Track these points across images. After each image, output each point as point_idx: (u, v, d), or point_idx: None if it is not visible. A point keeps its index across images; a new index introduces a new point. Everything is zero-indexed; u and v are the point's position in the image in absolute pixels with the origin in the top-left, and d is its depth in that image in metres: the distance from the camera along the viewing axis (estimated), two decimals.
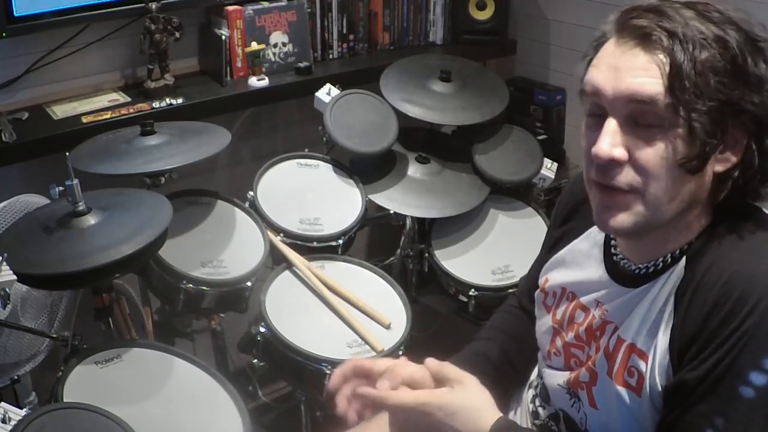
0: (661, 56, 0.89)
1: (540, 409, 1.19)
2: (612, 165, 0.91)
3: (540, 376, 1.20)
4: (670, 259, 0.98)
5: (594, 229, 1.13)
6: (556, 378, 1.13)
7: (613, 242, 1.08)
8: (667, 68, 0.88)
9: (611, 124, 0.92)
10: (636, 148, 0.91)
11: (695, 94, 0.88)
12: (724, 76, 0.89)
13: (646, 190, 0.92)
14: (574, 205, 1.21)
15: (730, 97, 0.89)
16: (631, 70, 0.90)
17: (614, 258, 1.07)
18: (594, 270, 1.09)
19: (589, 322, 1.07)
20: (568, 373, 1.11)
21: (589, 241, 1.13)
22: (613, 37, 0.95)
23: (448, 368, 1.08)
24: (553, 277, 1.18)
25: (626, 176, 0.92)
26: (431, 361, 1.09)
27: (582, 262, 1.13)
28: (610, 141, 0.91)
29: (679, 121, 0.89)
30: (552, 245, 1.23)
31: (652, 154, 0.90)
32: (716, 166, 0.93)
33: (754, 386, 0.86)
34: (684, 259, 0.96)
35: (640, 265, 1.01)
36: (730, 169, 0.93)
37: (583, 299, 1.10)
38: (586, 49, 1.01)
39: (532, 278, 1.29)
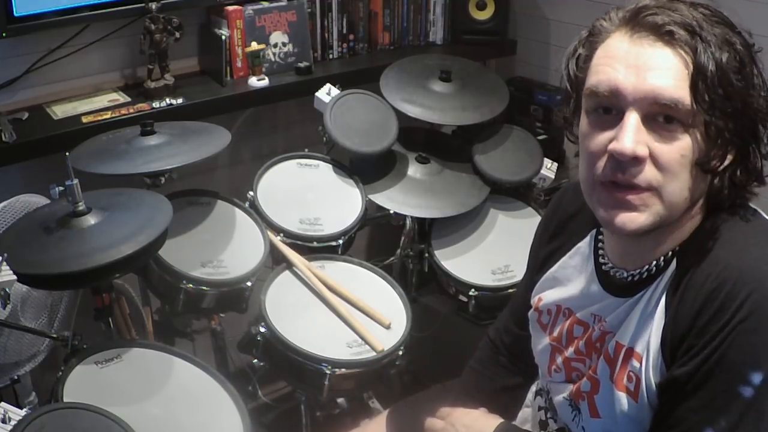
0: (684, 54, 0.87)
1: (551, 421, 1.18)
2: (633, 163, 0.89)
3: (546, 390, 1.20)
4: (663, 263, 0.97)
5: (583, 243, 1.12)
6: (560, 391, 1.13)
7: (601, 252, 1.07)
8: (691, 67, 0.87)
9: (633, 120, 0.89)
10: (656, 145, 0.89)
11: (718, 96, 0.87)
12: (741, 78, 0.88)
13: (665, 189, 0.90)
14: (560, 222, 1.20)
15: (747, 98, 0.89)
16: (653, 69, 0.88)
17: (603, 268, 1.06)
18: (587, 284, 1.08)
19: (589, 335, 1.06)
20: (570, 385, 1.10)
21: (579, 256, 1.12)
22: (621, 33, 0.92)
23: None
24: (547, 295, 1.17)
25: (647, 174, 0.89)
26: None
27: (574, 277, 1.12)
28: (634, 138, 0.88)
29: (699, 121, 0.88)
30: (541, 264, 1.22)
31: (673, 151, 0.89)
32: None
33: (751, 384, 0.85)
34: (675, 259, 0.96)
35: (633, 272, 1.00)
36: (727, 167, 0.93)
37: (580, 314, 1.09)
38: (573, 45, 0.99)
39: (521, 299, 1.28)
